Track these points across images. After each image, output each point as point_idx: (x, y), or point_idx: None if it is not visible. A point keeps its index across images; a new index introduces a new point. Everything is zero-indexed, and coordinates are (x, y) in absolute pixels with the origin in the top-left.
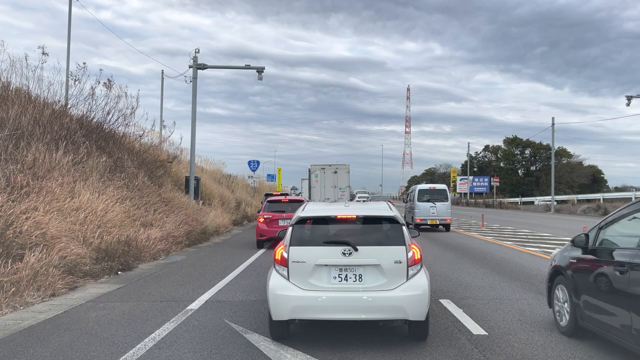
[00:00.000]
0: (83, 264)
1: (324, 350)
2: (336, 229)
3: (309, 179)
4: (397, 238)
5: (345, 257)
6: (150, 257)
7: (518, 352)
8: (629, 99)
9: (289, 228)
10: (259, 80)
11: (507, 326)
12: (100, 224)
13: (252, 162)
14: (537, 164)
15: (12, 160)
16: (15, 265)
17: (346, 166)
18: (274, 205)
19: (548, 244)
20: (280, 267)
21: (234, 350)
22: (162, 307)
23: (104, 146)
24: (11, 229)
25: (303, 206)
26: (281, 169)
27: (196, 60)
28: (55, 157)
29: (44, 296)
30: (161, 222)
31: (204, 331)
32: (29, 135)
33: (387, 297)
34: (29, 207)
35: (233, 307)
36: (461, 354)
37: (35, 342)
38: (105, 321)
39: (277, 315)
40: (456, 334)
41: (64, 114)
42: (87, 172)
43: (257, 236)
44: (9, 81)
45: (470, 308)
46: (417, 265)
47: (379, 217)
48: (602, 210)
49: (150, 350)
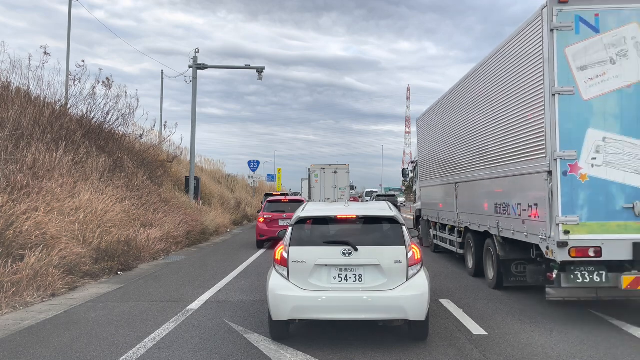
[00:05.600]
0: (83, 264)
1: (324, 350)
2: (336, 229)
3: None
4: (397, 238)
5: (345, 257)
6: (150, 257)
7: (518, 352)
8: None
9: (289, 228)
10: (259, 80)
11: (507, 326)
12: (100, 224)
13: (252, 162)
14: None
15: (12, 160)
16: (16, 266)
17: (346, 166)
18: (274, 205)
19: None
20: (280, 267)
21: (234, 350)
22: (162, 307)
23: (104, 146)
24: (11, 229)
25: (303, 206)
26: (281, 169)
27: (196, 60)
28: (55, 157)
29: (44, 296)
30: (161, 222)
31: (204, 331)
32: (29, 135)
33: (387, 297)
34: (29, 208)
35: (233, 307)
36: (461, 354)
37: (35, 342)
38: (105, 321)
39: (277, 315)
40: (456, 334)
41: (64, 114)
42: (87, 172)
43: (257, 236)
44: (9, 81)
45: (470, 308)
46: (417, 265)
47: (378, 217)
48: None
49: (150, 351)
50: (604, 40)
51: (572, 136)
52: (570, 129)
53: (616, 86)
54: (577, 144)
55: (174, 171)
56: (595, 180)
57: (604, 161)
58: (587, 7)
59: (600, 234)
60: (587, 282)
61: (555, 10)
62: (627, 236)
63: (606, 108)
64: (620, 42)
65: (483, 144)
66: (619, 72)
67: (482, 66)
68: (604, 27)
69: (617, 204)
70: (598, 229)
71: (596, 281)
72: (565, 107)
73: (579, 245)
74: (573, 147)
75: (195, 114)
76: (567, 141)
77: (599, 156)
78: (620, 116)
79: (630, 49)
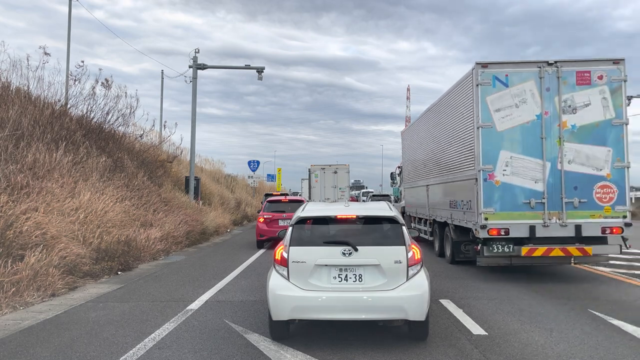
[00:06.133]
0: (83, 264)
1: (324, 350)
2: (336, 229)
3: (309, 179)
4: (397, 238)
5: (345, 257)
6: (150, 257)
7: (518, 352)
8: (629, 98)
9: (288, 228)
10: (259, 80)
11: (507, 326)
12: (100, 224)
13: (252, 162)
14: None
15: (12, 160)
16: (16, 266)
17: (346, 166)
18: (274, 205)
19: None
20: (280, 267)
21: (234, 350)
22: (162, 307)
23: (104, 146)
24: (11, 229)
25: (303, 206)
26: (281, 169)
27: (196, 60)
28: (55, 157)
29: (44, 296)
30: (161, 222)
31: (204, 331)
32: (29, 136)
33: (387, 297)
34: (29, 208)
35: (233, 307)
36: (461, 354)
37: (35, 342)
38: (105, 321)
39: (277, 315)
40: (456, 334)
41: (64, 114)
42: (87, 172)
43: (257, 236)
44: (9, 81)
45: (470, 308)
46: (417, 265)
47: (378, 217)
48: None
49: (150, 351)
50: (511, 92)
51: (490, 155)
52: (489, 150)
53: (519, 122)
54: (493, 160)
55: (174, 171)
56: (505, 185)
57: (510, 172)
58: (500, 70)
59: (508, 220)
60: (499, 252)
61: (479, 72)
62: (525, 221)
63: (512, 137)
64: (522, 93)
65: (442, 157)
66: (520, 113)
67: (438, 102)
68: (511, 83)
69: (519, 200)
70: (506, 217)
71: (506, 251)
72: (486, 136)
73: (494, 227)
74: (490, 162)
75: (195, 114)
76: (487, 158)
77: (507, 168)
78: (521, 142)
79: (528, 98)
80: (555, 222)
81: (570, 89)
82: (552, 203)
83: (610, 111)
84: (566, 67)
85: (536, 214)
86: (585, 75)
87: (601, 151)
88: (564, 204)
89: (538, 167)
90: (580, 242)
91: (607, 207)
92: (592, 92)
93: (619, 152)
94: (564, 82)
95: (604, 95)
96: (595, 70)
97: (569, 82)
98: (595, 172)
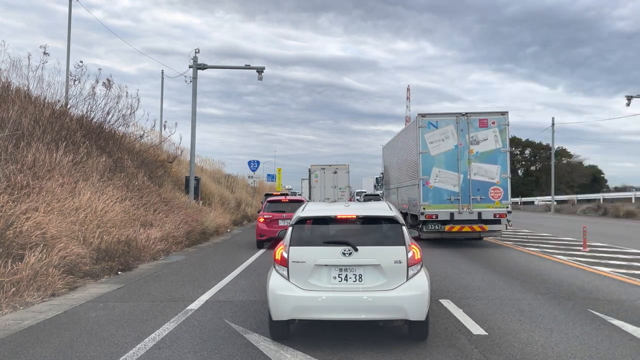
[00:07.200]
0: (83, 264)
1: (324, 350)
2: (336, 229)
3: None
4: (397, 238)
5: (345, 257)
6: (150, 257)
7: (518, 352)
8: (629, 98)
9: (289, 228)
10: (259, 80)
11: (507, 326)
12: (100, 224)
13: (252, 162)
14: (537, 164)
15: (12, 160)
16: (16, 266)
17: (346, 166)
18: (274, 205)
19: (548, 244)
20: (280, 267)
21: (234, 350)
22: (162, 307)
23: (104, 146)
24: (11, 229)
25: (303, 206)
26: (281, 169)
27: (196, 61)
28: (55, 157)
29: (44, 296)
30: (161, 222)
31: (204, 331)
32: (29, 136)
33: (387, 297)
34: (29, 208)
35: (233, 307)
36: (461, 354)
37: (35, 342)
38: (105, 321)
39: (277, 315)
40: (456, 334)
41: (64, 114)
42: (87, 172)
43: (257, 236)
44: (9, 81)
45: (470, 308)
46: (417, 265)
47: (378, 217)
48: (602, 210)
49: (150, 351)
50: (439, 132)
51: (426, 170)
52: (426, 167)
53: (444, 150)
54: (428, 173)
55: (174, 171)
56: (435, 188)
57: (439, 180)
58: (433, 118)
59: (437, 209)
60: (433, 229)
61: (420, 119)
62: (447, 210)
63: (440, 159)
64: (446, 132)
65: (402, 170)
66: (445, 144)
67: (398, 135)
68: (440, 126)
69: (444, 197)
70: (436, 207)
71: (436, 228)
72: (424, 158)
73: (428, 213)
74: (427, 174)
75: (195, 114)
76: (425, 172)
77: (437, 178)
78: (445, 162)
79: (450, 135)
80: (466, 211)
81: (475, 129)
82: (464, 199)
83: (499, 143)
84: (473, 117)
85: (454, 205)
86: (484, 121)
87: (494, 168)
88: (471, 199)
89: (455, 177)
90: (481, 223)
91: (497, 202)
92: (488, 132)
93: (504, 169)
94: (471, 126)
95: (495, 134)
96: (490, 118)
97: (474, 125)
98: (490, 180)
